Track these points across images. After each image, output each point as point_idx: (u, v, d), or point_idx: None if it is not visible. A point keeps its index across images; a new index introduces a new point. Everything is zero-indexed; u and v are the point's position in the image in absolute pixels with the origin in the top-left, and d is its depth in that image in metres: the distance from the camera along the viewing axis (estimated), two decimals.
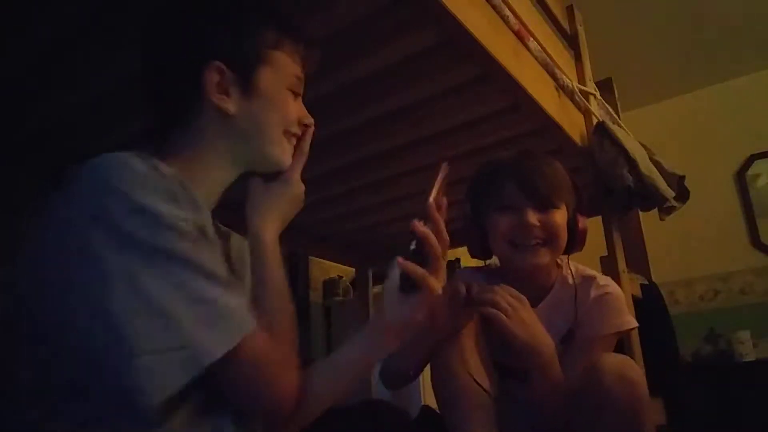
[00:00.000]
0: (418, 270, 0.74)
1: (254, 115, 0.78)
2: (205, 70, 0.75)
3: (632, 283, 1.78)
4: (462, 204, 1.27)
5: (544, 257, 1.10)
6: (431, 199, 0.80)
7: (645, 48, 3.23)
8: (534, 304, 1.06)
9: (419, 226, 0.76)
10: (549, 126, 1.43)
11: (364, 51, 1.14)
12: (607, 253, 1.71)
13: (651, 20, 3.03)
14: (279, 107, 0.80)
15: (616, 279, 1.67)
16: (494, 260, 1.25)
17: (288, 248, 2.55)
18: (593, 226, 1.87)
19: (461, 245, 1.42)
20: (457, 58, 1.17)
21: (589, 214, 1.87)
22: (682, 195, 1.73)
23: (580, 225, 1.15)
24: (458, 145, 1.56)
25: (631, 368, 0.99)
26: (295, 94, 0.83)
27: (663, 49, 3.24)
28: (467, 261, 2.70)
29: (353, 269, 2.61)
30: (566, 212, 1.13)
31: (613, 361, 0.99)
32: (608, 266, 1.69)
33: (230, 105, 0.76)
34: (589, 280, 1.16)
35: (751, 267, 3.24)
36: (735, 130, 3.42)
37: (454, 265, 2.99)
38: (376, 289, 2.61)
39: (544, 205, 1.09)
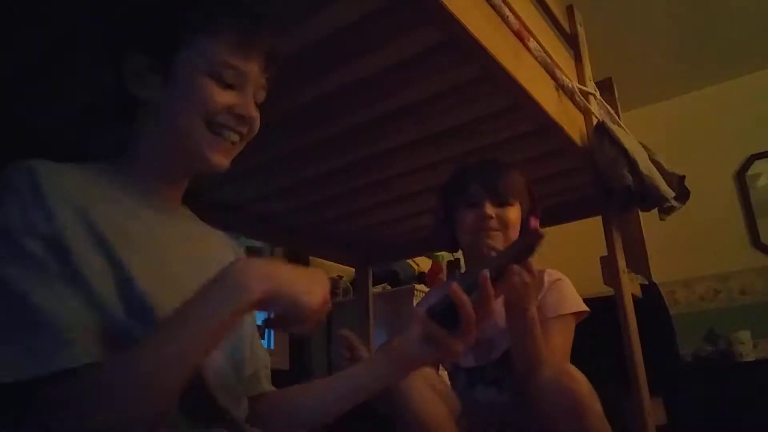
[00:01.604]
0: (468, 311, 0.71)
1: (169, 101, 0.75)
2: (124, 58, 0.75)
3: (632, 283, 1.78)
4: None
5: (497, 241, 1.28)
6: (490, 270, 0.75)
7: (645, 48, 3.23)
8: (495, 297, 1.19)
9: (459, 293, 0.72)
10: (549, 126, 1.42)
11: (364, 51, 1.14)
12: (607, 253, 1.71)
13: (651, 20, 3.03)
14: (195, 95, 0.74)
15: (616, 279, 1.67)
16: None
17: (288, 248, 2.55)
18: (593, 226, 1.88)
19: None
20: (457, 58, 1.17)
21: (589, 214, 1.89)
22: (682, 195, 1.73)
23: (532, 225, 1.34)
24: (458, 145, 1.56)
25: (569, 377, 1.04)
26: (225, 83, 0.75)
27: (663, 49, 3.24)
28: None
29: (353, 269, 2.61)
30: (520, 211, 1.32)
31: (551, 371, 1.07)
32: (608, 266, 1.69)
33: (147, 92, 0.75)
34: (540, 272, 1.32)
35: (751, 267, 3.24)
36: (735, 130, 3.42)
37: (454, 265, 2.99)
38: (377, 289, 2.61)
39: (500, 201, 1.29)
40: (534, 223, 1.35)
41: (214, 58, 0.75)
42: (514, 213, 1.30)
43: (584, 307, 1.29)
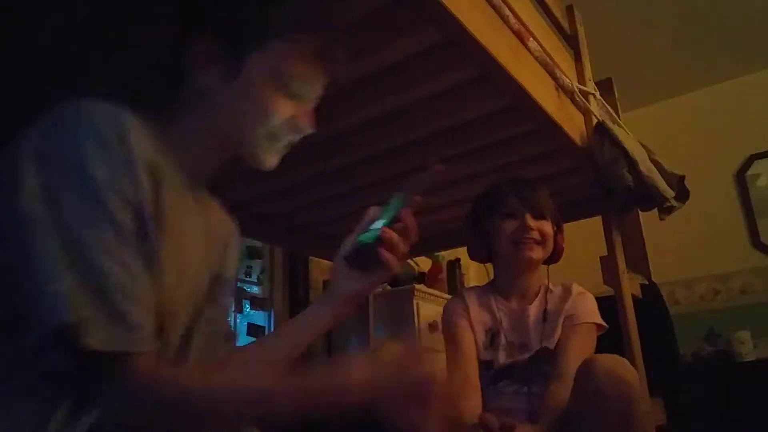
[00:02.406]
0: (392, 259, 0.77)
1: (232, 99, 0.74)
2: (196, 37, 0.73)
3: (632, 283, 1.78)
4: (461, 205, 1.44)
5: (538, 253, 1.38)
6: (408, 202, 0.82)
7: (645, 48, 3.23)
8: (528, 303, 1.42)
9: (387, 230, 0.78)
10: (549, 126, 1.43)
11: (364, 51, 1.14)
12: (607, 253, 1.71)
13: (651, 20, 3.03)
14: (261, 99, 0.74)
15: (616, 279, 1.67)
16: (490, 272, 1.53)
17: (288, 248, 2.55)
18: (593, 226, 1.88)
19: (462, 245, 1.44)
20: (457, 58, 1.17)
21: (589, 214, 1.89)
22: (682, 195, 1.73)
23: (559, 241, 1.44)
24: (458, 145, 1.56)
25: (624, 367, 1.08)
26: (291, 94, 0.75)
27: (663, 49, 3.24)
28: (466, 261, 2.70)
29: None
30: (552, 226, 1.41)
31: (606, 360, 1.10)
32: (608, 266, 1.69)
33: (210, 79, 0.73)
34: (567, 285, 1.44)
35: (751, 267, 3.24)
36: (735, 130, 3.42)
37: (454, 265, 2.99)
38: (377, 289, 2.61)
39: (539, 214, 1.38)
40: (560, 240, 1.44)
41: (286, 67, 0.74)
42: (549, 227, 1.40)
43: (603, 323, 1.39)
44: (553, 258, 1.45)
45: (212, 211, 0.85)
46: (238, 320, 2.42)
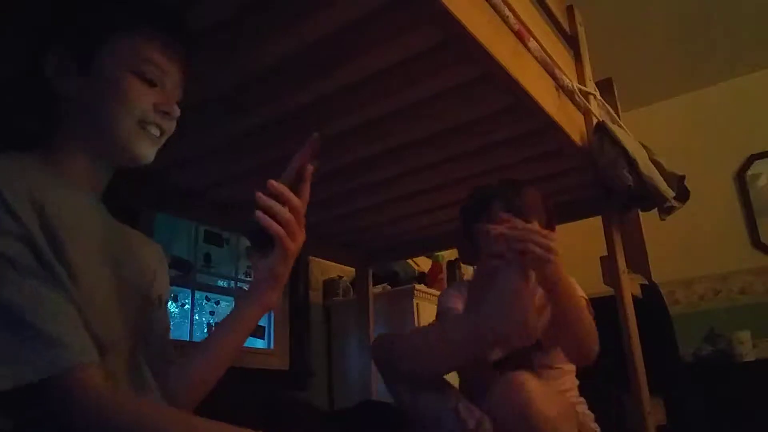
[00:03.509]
0: (273, 224, 0.77)
1: (93, 97, 0.76)
2: (47, 51, 0.75)
3: (632, 283, 1.78)
4: (461, 205, 1.45)
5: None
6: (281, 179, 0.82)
7: (645, 48, 3.23)
8: None
9: (265, 199, 0.77)
10: (549, 126, 1.42)
11: (364, 51, 1.14)
12: (607, 253, 1.71)
13: (651, 20, 3.03)
14: (120, 91, 0.76)
15: (616, 279, 1.67)
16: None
17: None
18: (593, 226, 1.88)
19: None
20: (457, 58, 1.16)
21: (589, 214, 1.89)
22: (682, 195, 1.73)
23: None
24: (458, 145, 1.56)
25: (518, 390, 1.07)
26: (149, 81, 0.78)
27: (663, 49, 3.24)
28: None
29: (353, 269, 2.61)
30: (540, 227, 1.39)
31: (499, 391, 1.10)
32: (608, 266, 1.69)
33: (68, 87, 0.76)
34: None
35: (751, 267, 3.24)
36: (735, 130, 3.42)
37: (454, 265, 2.99)
38: (377, 289, 2.61)
39: (524, 219, 1.34)
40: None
41: (136, 55, 0.77)
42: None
43: (586, 297, 1.39)
44: None
45: (112, 219, 0.86)
46: None
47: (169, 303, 1.09)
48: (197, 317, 2.26)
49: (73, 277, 0.66)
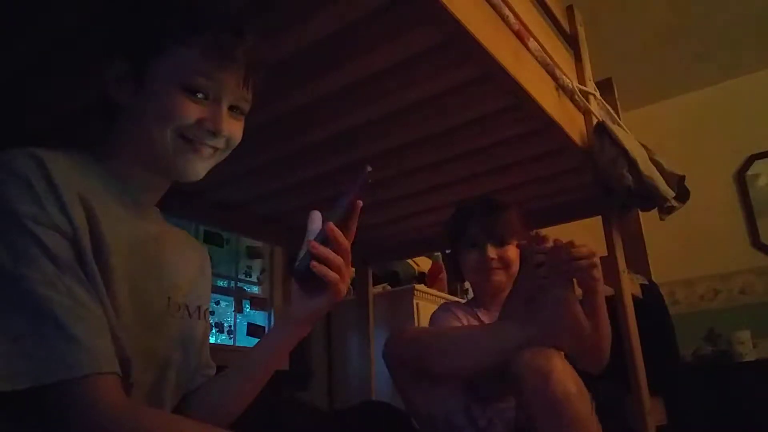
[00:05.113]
0: (329, 273, 0.75)
1: (144, 107, 0.75)
2: (108, 65, 0.76)
3: (632, 283, 1.78)
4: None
5: (502, 276, 1.42)
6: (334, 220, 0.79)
7: (645, 48, 3.23)
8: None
9: (318, 248, 0.76)
10: (549, 126, 1.42)
11: (365, 51, 1.14)
12: (607, 253, 1.71)
13: (651, 20, 3.03)
14: (164, 101, 0.73)
15: (616, 279, 1.67)
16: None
17: (288, 248, 2.55)
18: (593, 226, 1.88)
19: None
20: (457, 58, 1.16)
21: (589, 214, 1.89)
22: (682, 195, 1.73)
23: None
24: (458, 145, 1.56)
25: (545, 358, 1.07)
26: (196, 94, 0.75)
27: (663, 49, 3.24)
28: None
29: (353, 269, 2.60)
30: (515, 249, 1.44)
31: (527, 354, 1.09)
32: (608, 266, 1.69)
33: (123, 98, 0.76)
34: None
35: (751, 267, 3.24)
36: (735, 130, 3.42)
37: None
38: (377, 289, 2.61)
39: (501, 242, 1.41)
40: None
41: (187, 68, 0.74)
42: (513, 251, 1.43)
43: None
44: None
45: (161, 225, 0.87)
46: (238, 320, 2.42)
47: None
48: None
49: (107, 283, 0.66)
